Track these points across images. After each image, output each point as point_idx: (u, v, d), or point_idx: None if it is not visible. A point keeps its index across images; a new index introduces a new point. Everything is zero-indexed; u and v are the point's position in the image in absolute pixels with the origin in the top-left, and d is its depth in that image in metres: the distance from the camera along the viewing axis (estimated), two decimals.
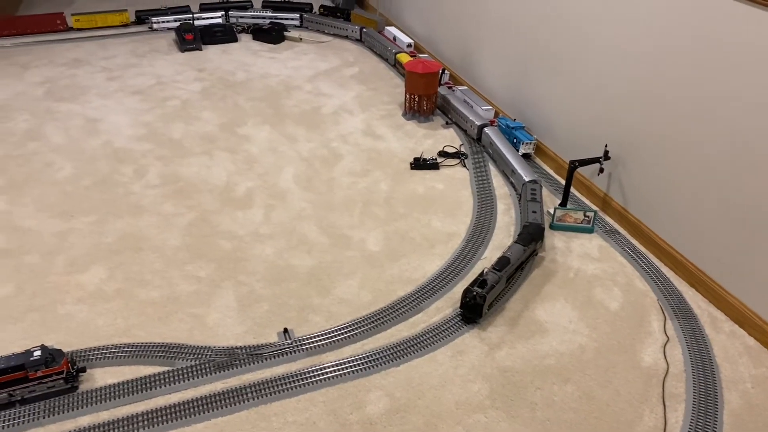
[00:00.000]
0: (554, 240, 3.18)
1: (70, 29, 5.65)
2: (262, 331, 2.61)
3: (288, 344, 2.51)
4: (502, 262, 2.76)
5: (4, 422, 2.18)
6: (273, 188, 3.55)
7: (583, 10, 3.29)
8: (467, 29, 4.53)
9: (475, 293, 2.60)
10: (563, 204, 3.38)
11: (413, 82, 4.18)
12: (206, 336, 2.57)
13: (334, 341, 2.54)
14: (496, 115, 4.23)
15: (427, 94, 4.22)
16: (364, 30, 5.49)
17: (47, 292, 2.79)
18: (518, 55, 3.94)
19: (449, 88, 4.50)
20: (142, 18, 5.80)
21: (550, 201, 3.50)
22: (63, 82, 4.74)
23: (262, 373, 2.41)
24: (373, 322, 2.64)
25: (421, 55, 4.96)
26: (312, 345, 2.52)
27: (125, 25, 5.75)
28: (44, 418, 2.21)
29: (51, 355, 2.27)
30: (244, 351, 2.48)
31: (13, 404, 2.26)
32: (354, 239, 3.17)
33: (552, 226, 3.26)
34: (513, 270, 2.82)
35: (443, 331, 2.61)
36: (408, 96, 4.27)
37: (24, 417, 2.20)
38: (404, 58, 4.81)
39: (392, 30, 5.36)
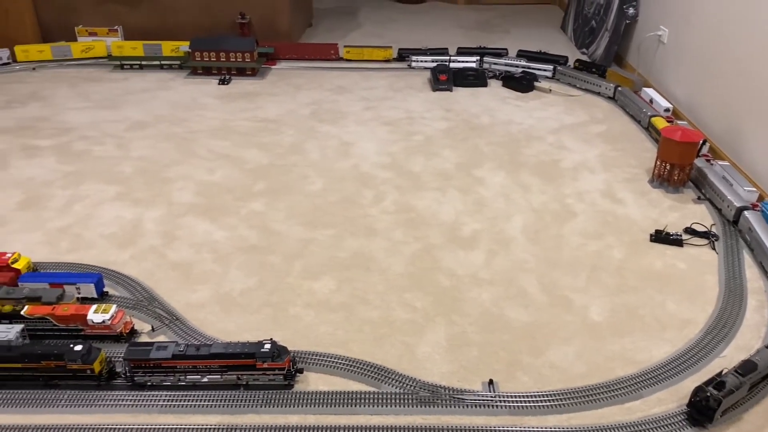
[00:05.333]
0: None
1: (341, 59, 6.25)
2: (467, 376, 2.58)
3: (492, 397, 2.44)
4: (747, 367, 2.42)
5: (229, 401, 2.43)
6: (499, 234, 3.53)
7: None
8: (736, 98, 4.11)
9: (709, 394, 2.31)
10: None
11: (668, 150, 3.89)
12: (414, 366, 2.62)
13: (539, 406, 2.42)
14: (760, 198, 3.75)
15: (681, 164, 3.90)
16: (619, 88, 5.27)
17: (283, 292, 3.07)
18: None
19: (707, 160, 4.11)
20: (403, 56, 6.22)
21: None
22: (327, 106, 5.25)
23: (461, 419, 2.38)
24: (585, 396, 2.47)
25: (679, 122, 4.61)
26: (516, 404, 2.42)
27: (387, 61, 6.21)
28: (261, 407, 2.41)
29: (278, 351, 2.48)
30: (447, 392, 2.47)
31: (238, 387, 2.50)
32: (576, 304, 3.01)
33: None
34: (759, 378, 2.46)
35: (662, 426, 2.35)
36: (659, 163, 3.98)
37: (245, 401, 2.43)
38: (660, 122, 4.51)
39: (649, 92, 5.07)
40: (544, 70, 5.77)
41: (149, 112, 5.03)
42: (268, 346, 2.47)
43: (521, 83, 5.54)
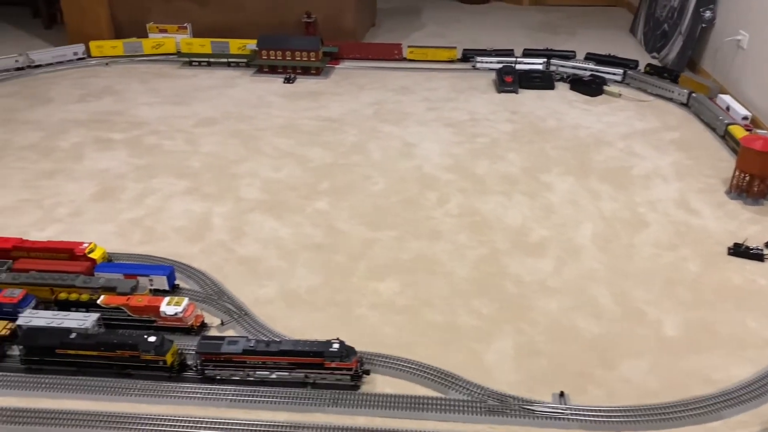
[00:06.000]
0: None
1: (404, 59, 6.23)
2: (536, 386, 2.52)
3: (563, 409, 2.38)
4: None
5: (297, 399, 2.44)
6: (567, 242, 3.44)
7: None
8: None
9: None
10: None
11: (748, 159, 3.72)
12: (481, 374, 2.57)
13: (612, 421, 2.34)
14: None
15: (761, 175, 3.73)
16: (693, 95, 5.08)
17: (348, 291, 3.07)
18: None
19: None
20: (467, 56, 6.15)
21: None
22: (389, 106, 5.24)
23: (530, 430, 2.32)
24: (660, 414, 2.37)
25: (759, 131, 4.41)
26: (588, 418, 2.35)
27: (451, 61, 6.16)
28: (328, 406, 2.41)
29: (346, 351, 2.47)
30: (516, 402, 2.42)
31: (305, 385, 2.50)
32: (649, 316, 2.90)
33: None
34: None
35: None
36: (737, 173, 3.81)
37: (313, 400, 2.44)
38: (738, 131, 4.32)
39: (726, 98, 4.87)
40: (614, 74, 5.61)
41: (217, 108, 5.12)
42: (336, 345, 2.47)
43: (590, 87, 5.41)
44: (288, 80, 5.72)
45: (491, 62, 5.96)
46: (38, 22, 7.44)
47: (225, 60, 6.05)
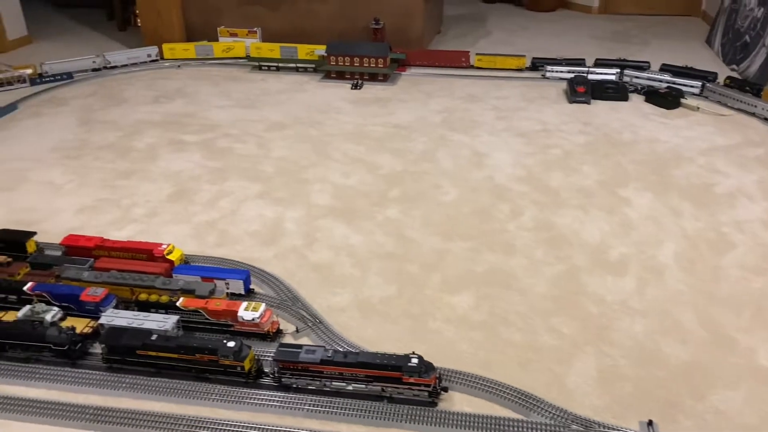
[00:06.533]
0: None
1: (471, 67, 6.15)
2: (622, 412, 2.41)
3: None
4: None
5: (373, 412, 2.39)
6: (649, 260, 3.31)
7: None
8: None
9: None
10: None
11: None
12: (563, 397, 2.48)
13: None
14: None
15: None
16: None
17: (422, 304, 3.01)
18: None
19: None
20: (537, 65, 6.03)
21: None
22: (458, 114, 5.17)
23: None
24: None
25: None
26: None
27: (520, 70, 6.05)
28: (405, 422, 2.36)
29: (425, 366, 2.42)
30: (602, 428, 2.32)
31: (382, 399, 2.46)
32: (741, 345, 2.75)
33: None
34: None
35: None
36: None
37: (390, 414, 2.39)
38: None
39: None
40: (691, 87, 5.41)
41: (287, 113, 5.16)
42: (415, 360, 2.42)
43: (666, 99, 5.22)
44: (355, 86, 5.72)
45: (562, 71, 5.83)
46: (113, 24, 7.67)
47: (293, 65, 6.10)
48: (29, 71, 5.80)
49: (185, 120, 5.03)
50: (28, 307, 2.74)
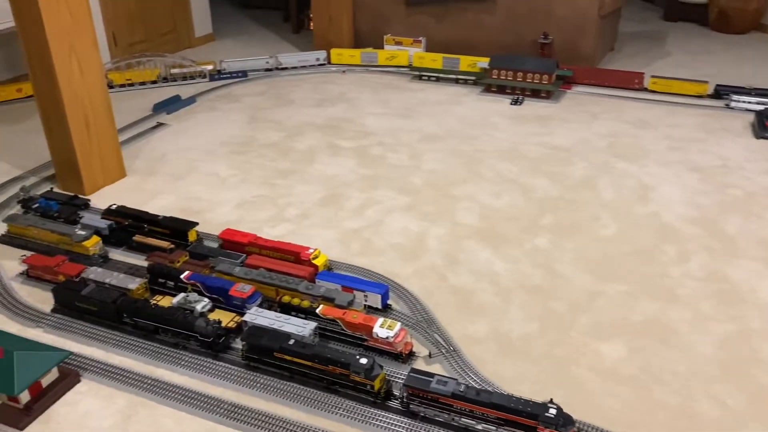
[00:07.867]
0: None
1: (645, 89, 5.72)
2: None
3: None
4: None
5: None
6: None
7: None
8: None
9: None
10: None
11: None
12: None
13: None
14: None
15: None
16: None
17: (565, 346, 2.80)
18: None
19: None
20: (720, 93, 5.48)
21: None
22: (625, 140, 4.82)
23: None
24: None
25: None
26: None
27: (700, 97, 5.52)
28: None
29: (563, 419, 2.23)
30: None
31: None
32: None
33: None
34: None
35: None
36: None
37: None
38: None
39: None
40: None
41: (441, 125, 5.10)
42: (553, 410, 2.24)
43: None
44: (515, 102, 5.54)
45: (750, 102, 5.25)
46: (287, 26, 8.09)
47: (453, 76, 6.03)
48: (210, 67, 6.26)
49: (344, 125, 5.14)
50: (182, 295, 2.90)
